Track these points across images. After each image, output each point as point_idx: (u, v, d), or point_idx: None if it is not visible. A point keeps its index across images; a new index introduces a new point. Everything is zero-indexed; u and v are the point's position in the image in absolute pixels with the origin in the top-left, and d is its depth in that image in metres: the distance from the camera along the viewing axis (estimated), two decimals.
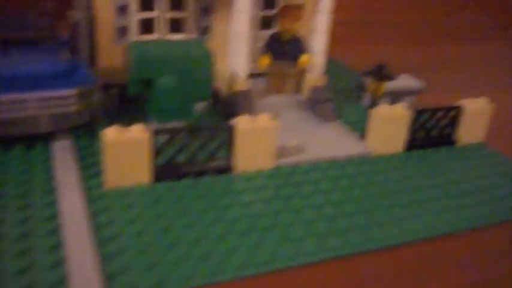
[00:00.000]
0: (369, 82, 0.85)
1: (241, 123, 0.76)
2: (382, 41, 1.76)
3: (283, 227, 0.66)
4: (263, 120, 0.77)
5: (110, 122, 0.87)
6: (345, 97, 1.11)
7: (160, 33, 0.96)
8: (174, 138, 0.73)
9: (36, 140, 0.81)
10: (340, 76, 1.25)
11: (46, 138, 0.81)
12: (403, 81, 1.07)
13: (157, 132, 0.72)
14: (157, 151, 0.73)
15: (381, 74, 0.84)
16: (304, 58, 0.95)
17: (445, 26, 2.02)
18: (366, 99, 1.05)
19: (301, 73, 0.99)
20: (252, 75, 0.94)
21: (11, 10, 0.89)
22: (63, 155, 0.78)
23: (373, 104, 0.86)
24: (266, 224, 0.67)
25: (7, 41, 0.83)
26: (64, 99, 0.78)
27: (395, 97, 1.05)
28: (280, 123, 0.84)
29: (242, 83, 0.92)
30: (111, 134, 0.69)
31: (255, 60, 1.00)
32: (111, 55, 0.93)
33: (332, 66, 1.24)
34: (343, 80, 1.23)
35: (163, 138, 0.73)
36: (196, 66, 0.81)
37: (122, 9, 0.91)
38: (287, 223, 0.67)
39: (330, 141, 0.88)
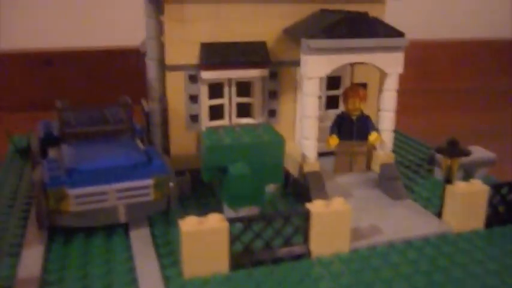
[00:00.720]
0: (442, 159, 0.83)
1: (316, 207, 0.76)
2: (445, 109, 1.74)
3: None
4: (337, 203, 0.77)
5: (184, 208, 0.90)
6: (414, 171, 1.09)
7: (229, 119, 0.99)
8: (250, 226, 0.74)
9: (114, 229, 0.83)
10: (407, 149, 1.24)
11: (124, 226, 0.83)
12: (475, 153, 1.04)
13: (233, 221, 0.72)
14: (234, 239, 0.73)
15: (455, 150, 0.82)
16: (372, 137, 0.95)
17: (508, 90, 1.98)
18: (437, 172, 1.03)
19: (370, 151, 0.98)
20: (320, 155, 0.95)
21: (88, 104, 0.94)
22: (142, 244, 0.79)
23: (448, 180, 0.84)
24: None
25: (86, 134, 0.88)
26: (142, 189, 0.81)
27: (467, 170, 1.03)
28: (351, 203, 0.84)
29: (312, 164, 0.92)
30: (189, 224, 0.70)
31: (322, 140, 1.01)
32: (183, 142, 0.97)
33: (398, 138, 1.24)
34: (410, 152, 1.21)
35: (239, 226, 0.73)
36: (268, 151, 0.83)
37: (193, 98, 0.95)
38: None
39: (404, 221, 0.86)
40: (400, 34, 0.90)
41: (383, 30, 0.89)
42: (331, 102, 1.07)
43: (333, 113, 1.03)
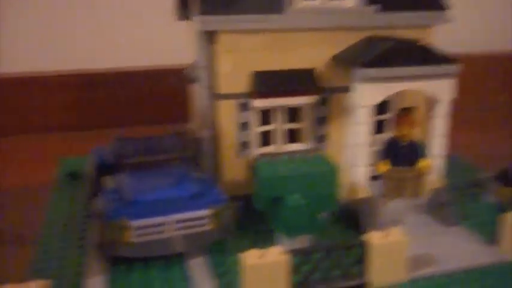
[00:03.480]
0: (498, 187, 0.83)
1: (374, 238, 0.76)
2: (490, 126, 1.71)
3: None
4: (395, 233, 0.77)
5: (239, 236, 0.91)
6: (462, 195, 1.09)
7: (279, 145, 1.01)
8: (309, 257, 0.74)
9: (172, 258, 0.84)
10: (454, 171, 1.23)
11: (182, 256, 0.85)
12: None
13: (294, 253, 0.73)
14: (293, 270, 0.74)
15: (509, 178, 0.82)
16: (423, 164, 0.95)
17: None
18: (486, 196, 1.03)
19: (420, 177, 0.98)
20: (371, 178, 0.95)
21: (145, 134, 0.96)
22: (200, 275, 0.80)
23: (503, 208, 0.84)
24: None
25: (143, 164, 0.90)
26: (199, 219, 0.82)
27: None
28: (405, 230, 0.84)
29: (364, 191, 0.92)
30: (251, 257, 0.71)
31: (372, 164, 1.01)
32: (234, 168, 0.98)
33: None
34: (457, 175, 1.20)
35: (299, 257, 0.74)
36: (323, 181, 0.84)
37: (244, 125, 0.96)
38: None
39: (459, 249, 0.86)
40: (452, 61, 0.90)
41: (434, 57, 0.90)
42: (378, 127, 1.07)
43: (379, 138, 1.04)
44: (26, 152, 1.46)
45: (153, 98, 1.69)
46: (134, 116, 1.68)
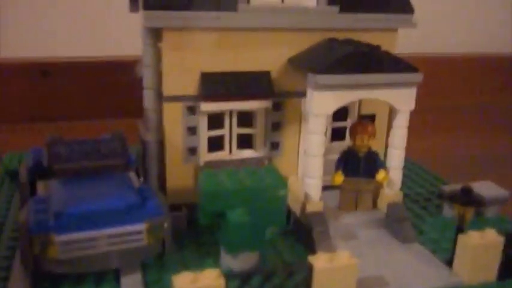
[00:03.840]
0: (455, 206, 0.78)
1: (320, 261, 0.71)
2: (454, 128, 1.68)
3: None
4: (343, 257, 0.72)
5: (180, 250, 0.85)
6: (422, 207, 1.04)
7: (229, 150, 0.94)
8: (249, 282, 0.69)
9: (105, 275, 0.78)
10: (414, 178, 1.18)
11: (115, 272, 0.78)
12: (486, 191, 0.99)
13: (231, 278, 0.67)
14: None
15: (469, 198, 0.77)
16: (380, 175, 0.90)
17: None
18: (447, 209, 0.99)
19: (377, 189, 0.93)
20: (325, 188, 0.90)
21: (80, 137, 0.89)
22: None
23: (460, 229, 0.79)
24: None
25: (77, 170, 0.83)
26: (134, 234, 0.76)
27: (476, 208, 0.97)
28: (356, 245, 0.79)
29: (316, 204, 0.87)
30: (182, 281, 0.65)
31: (327, 173, 0.96)
32: (180, 175, 0.92)
33: (405, 165, 1.18)
34: (418, 183, 1.16)
35: (237, 281, 0.68)
36: (270, 196, 0.78)
37: (191, 130, 0.90)
38: None
39: (412, 270, 0.81)
40: (413, 69, 0.85)
41: (395, 65, 0.84)
42: (336, 134, 1.01)
43: (338, 145, 0.98)
44: None
45: (113, 90, 1.61)
46: (92, 109, 1.60)
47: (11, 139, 1.41)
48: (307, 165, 0.86)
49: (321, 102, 0.82)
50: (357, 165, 0.92)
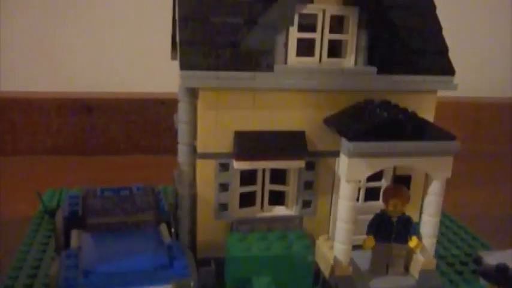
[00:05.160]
0: (488, 286, 0.76)
1: None
2: (497, 178, 1.62)
3: None
4: None
5: None
6: (457, 272, 1.01)
7: (260, 206, 0.94)
8: None
9: None
10: (451, 238, 1.15)
11: None
12: None
13: None
14: None
15: (504, 278, 0.74)
16: (413, 243, 0.88)
17: None
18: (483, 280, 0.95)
19: (410, 255, 0.91)
20: (355, 247, 0.88)
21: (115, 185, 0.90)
22: None
23: None
24: None
25: (109, 226, 0.84)
26: None
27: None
28: None
29: (344, 269, 0.86)
30: None
31: (360, 232, 0.94)
32: (210, 230, 0.92)
33: (442, 221, 1.14)
34: (455, 243, 1.12)
35: None
36: (297, 263, 0.77)
37: (223, 186, 0.90)
38: None
39: None
40: (451, 137, 0.83)
41: (431, 133, 0.83)
42: (370, 194, 1.00)
43: (371, 206, 0.97)
44: (15, 176, 1.42)
45: (155, 126, 1.65)
46: (135, 144, 1.64)
47: (52, 173, 1.46)
48: (337, 230, 0.85)
49: (353, 169, 0.81)
50: (390, 231, 0.90)
